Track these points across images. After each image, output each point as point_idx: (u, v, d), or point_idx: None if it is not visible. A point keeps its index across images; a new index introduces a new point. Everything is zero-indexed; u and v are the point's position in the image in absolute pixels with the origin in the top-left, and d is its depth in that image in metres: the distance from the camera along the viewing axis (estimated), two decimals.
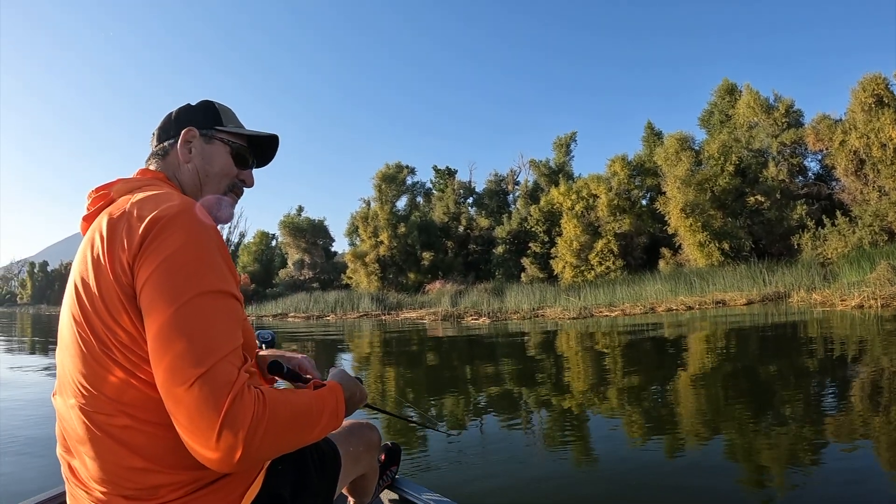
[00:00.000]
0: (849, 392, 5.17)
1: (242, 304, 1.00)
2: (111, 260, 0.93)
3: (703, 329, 11.70)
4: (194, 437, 0.83)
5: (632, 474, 3.53)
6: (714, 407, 5.05)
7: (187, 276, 0.89)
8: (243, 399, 0.84)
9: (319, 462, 1.35)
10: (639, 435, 4.34)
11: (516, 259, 28.65)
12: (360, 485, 1.70)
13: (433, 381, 7.30)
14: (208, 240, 0.95)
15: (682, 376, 6.53)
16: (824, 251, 19.02)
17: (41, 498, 1.67)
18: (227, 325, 0.90)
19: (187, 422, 0.83)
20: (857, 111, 19.85)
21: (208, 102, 1.27)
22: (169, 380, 0.84)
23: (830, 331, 9.74)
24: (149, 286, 0.89)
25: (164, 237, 0.91)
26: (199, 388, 0.82)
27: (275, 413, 0.88)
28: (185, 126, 1.20)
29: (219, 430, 0.81)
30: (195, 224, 0.95)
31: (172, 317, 0.86)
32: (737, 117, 24.88)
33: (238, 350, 0.90)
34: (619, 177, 24.95)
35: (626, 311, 17.00)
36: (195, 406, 0.82)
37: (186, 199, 1.00)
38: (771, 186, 21.52)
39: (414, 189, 36.19)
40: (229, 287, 0.94)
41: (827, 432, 4.03)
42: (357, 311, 26.60)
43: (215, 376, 0.83)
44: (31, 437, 4.68)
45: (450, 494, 1.83)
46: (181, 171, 1.19)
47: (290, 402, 0.94)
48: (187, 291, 0.88)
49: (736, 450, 3.84)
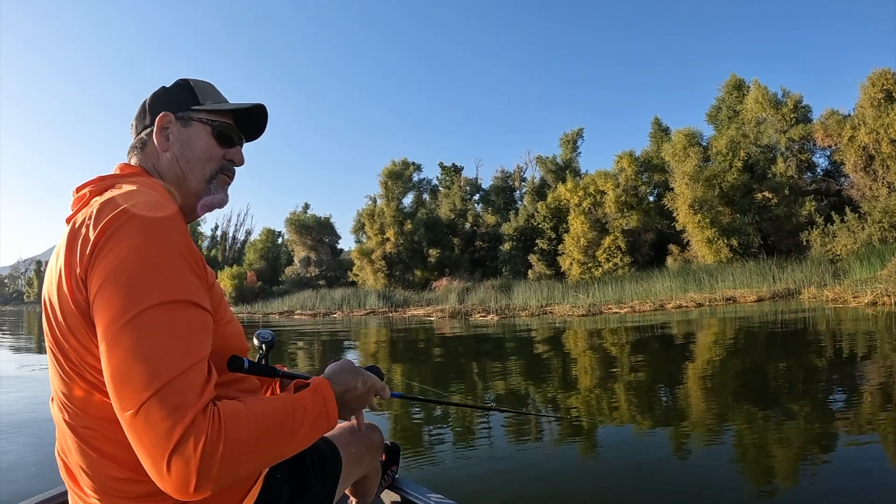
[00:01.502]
0: (868, 388, 5.14)
1: (210, 310, 0.91)
2: (68, 275, 0.87)
3: (714, 326, 11.69)
4: (148, 465, 0.77)
5: (638, 471, 3.51)
6: (730, 403, 5.03)
7: (135, 287, 0.81)
8: (197, 422, 0.76)
9: (320, 465, 1.31)
10: (647, 433, 4.31)
11: (523, 256, 28.63)
12: (361, 485, 1.67)
13: (440, 378, 7.28)
14: (164, 243, 0.86)
15: (695, 373, 6.52)
16: (833, 248, 18.94)
17: (41, 498, 1.66)
18: (183, 338, 0.82)
19: (140, 449, 0.77)
20: (867, 106, 19.73)
21: (183, 81, 1.16)
22: (119, 404, 0.78)
23: (845, 328, 9.72)
24: (97, 302, 0.82)
25: (111, 245, 0.83)
26: (147, 412, 0.75)
27: (236, 431, 0.80)
28: (160, 111, 1.10)
29: (169, 458, 0.74)
30: (149, 227, 0.86)
31: (118, 335, 0.79)
32: (745, 113, 24.75)
33: (198, 366, 0.82)
34: (626, 173, 24.87)
35: (635, 307, 17.00)
36: (145, 433, 0.76)
37: (148, 196, 0.92)
38: (779, 182, 21.43)
39: (420, 186, 36.14)
40: (187, 295, 0.85)
41: (843, 428, 4.00)
42: (364, 308, 26.68)
43: (166, 398, 0.76)
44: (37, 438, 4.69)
45: (450, 494, 1.82)
46: (160, 161, 1.10)
47: (257, 415, 0.85)
48: (134, 305, 0.79)
49: (746, 446, 3.83)
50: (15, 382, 7.82)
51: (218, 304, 1.01)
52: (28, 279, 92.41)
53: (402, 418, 5.23)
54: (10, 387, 7.37)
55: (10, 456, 4.17)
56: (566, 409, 5.21)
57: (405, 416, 5.31)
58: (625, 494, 3.20)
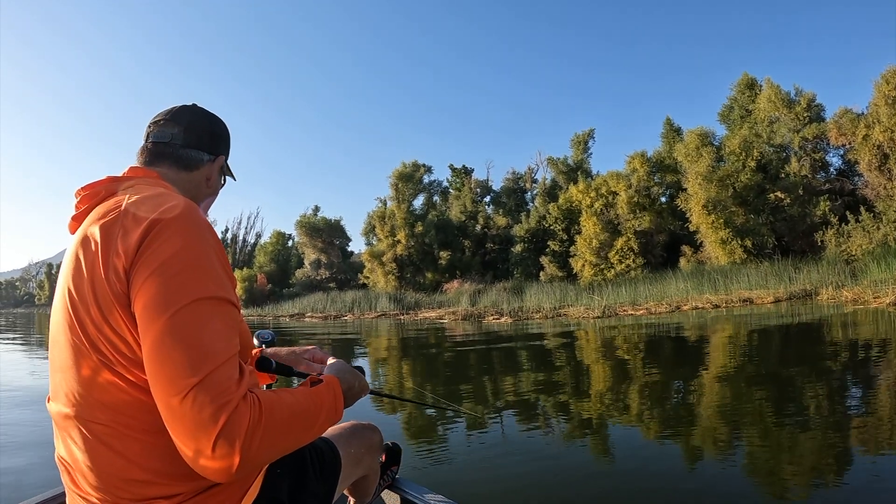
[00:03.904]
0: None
1: (239, 309, 0.99)
2: (105, 266, 0.91)
3: (734, 328, 11.63)
4: (191, 448, 0.82)
5: (643, 474, 3.50)
6: (757, 408, 4.98)
7: (183, 281, 0.87)
8: (240, 407, 0.83)
9: (319, 464, 1.34)
10: (657, 437, 4.24)
11: (535, 258, 28.54)
12: (360, 485, 1.69)
13: (453, 382, 7.25)
14: (206, 244, 0.93)
15: (722, 377, 6.48)
16: (848, 248, 18.78)
17: (41, 498, 1.66)
18: (224, 331, 0.89)
19: (183, 432, 0.82)
20: (881, 104, 19.52)
21: (225, 130, 1.30)
22: (164, 389, 0.83)
23: (872, 330, 9.64)
24: (143, 292, 0.87)
25: (160, 241, 0.89)
26: (195, 397, 0.81)
27: (271, 417, 0.87)
28: (221, 151, 1.26)
29: (215, 441, 0.80)
30: (193, 228, 0.93)
31: (167, 324, 0.84)
32: (757, 112, 24.58)
33: (235, 357, 0.89)
34: (638, 174, 24.75)
35: (651, 309, 16.95)
36: (191, 417, 0.81)
37: (186, 201, 0.98)
38: (793, 182, 21.29)
39: (431, 188, 36.13)
40: (226, 293, 0.92)
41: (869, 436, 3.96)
42: (375, 310, 26.71)
43: (211, 385, 0.82)
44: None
45: (451, 495, 1.82)
46: (199, 191, 1.22)
47: (287, 404, 0.93)
48: (183, 298, 0.86)
49: (768, 452, 3.77)
50: (16, 382, 7.94)
51: None
52: (39, 282, 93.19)
53: (402, 419, 5.23)
54: (10, 387, 7.48)
55: (11, 456, 4.20)
56: (575, 412, 5.15)
57: (406, 417, 5.30)
58: (630, 498, 3.18)
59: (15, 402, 6.44)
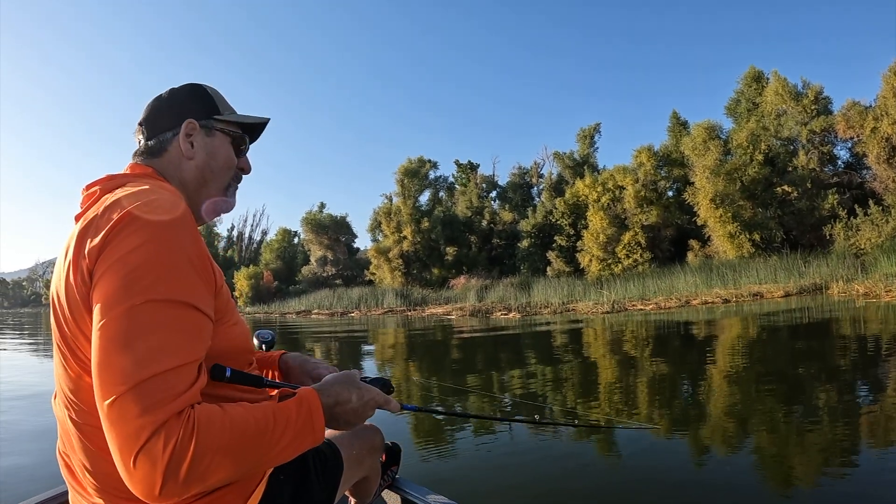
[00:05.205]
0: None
1: (212, 318, 0.90)
2: (75, 270, 0.87)
3: (744, 323, 11.62)
4: (116, 460, 0.75)
5: (648, 473, 3.49)
6: (767, 405, 4.95)
7: (136, 279, 0.80)
8: (169, 423, 0.75)
9: (321, 467, 1.31)
10: (665, 435, 4.20)
11: (541, 253, 28.53)
12: (361, 486, 1.67)
13: (486, 381, 7.24)
14: (175, 243, 0.86)
15: (732, 373, 6.47)
16: (857, 241, 18.73)
17: (41, 498, 1.65)
18: (177, 338, 0.81)
19: (111, 441, 0.76)
20: (889, 97, 19.41)
21: (200, 88, 1.17)
22: (98, 391, 0.77)
23: (881, 324, 9.62)
24: (97, 290, 0.82)
25: (121, 237, 0.83)
26: (121, 404, 0.74)
27: (208, 438, 0.78)
28: (185, 117, 1.11)
29: (135, 457, 0.73)
30: (157, 226, 0.86)
31: (111, 321, 0.78)
32: (764, 105, 24.43)
33: (183, 368, 0.80)
34: (645, 168, 24.69)
35: (660, 304, 16.94)
36: (115, 426, 0.75)
37: (165, 197, 0.92)
38: (801, 175, 21.20)
39: (436, 183, 36.05)
40: (190, 297, 0.84)
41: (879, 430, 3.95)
42: (381, 307, 26.78)
43: (143, 395, 0.75)
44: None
45: (451, 495, 1.81)
46: (182, 167, 1.11)
47: (236, 422, 0.83)
48: (134, 297, 0.79)
49: (776, 447, 3.76)
50: (16, 383, 7.99)
51: (224, 306, 1.01)
52: (46, 281, 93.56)
53: (403, 419, 5.23)
54: (10, 387, 7.54)
55: (11, 456, 4.22)
56: (582, 413, 5.06)
57: (406, 417, 5.28)
58: (635, 496, 3.17)
59: (19, 400, 6.53)
